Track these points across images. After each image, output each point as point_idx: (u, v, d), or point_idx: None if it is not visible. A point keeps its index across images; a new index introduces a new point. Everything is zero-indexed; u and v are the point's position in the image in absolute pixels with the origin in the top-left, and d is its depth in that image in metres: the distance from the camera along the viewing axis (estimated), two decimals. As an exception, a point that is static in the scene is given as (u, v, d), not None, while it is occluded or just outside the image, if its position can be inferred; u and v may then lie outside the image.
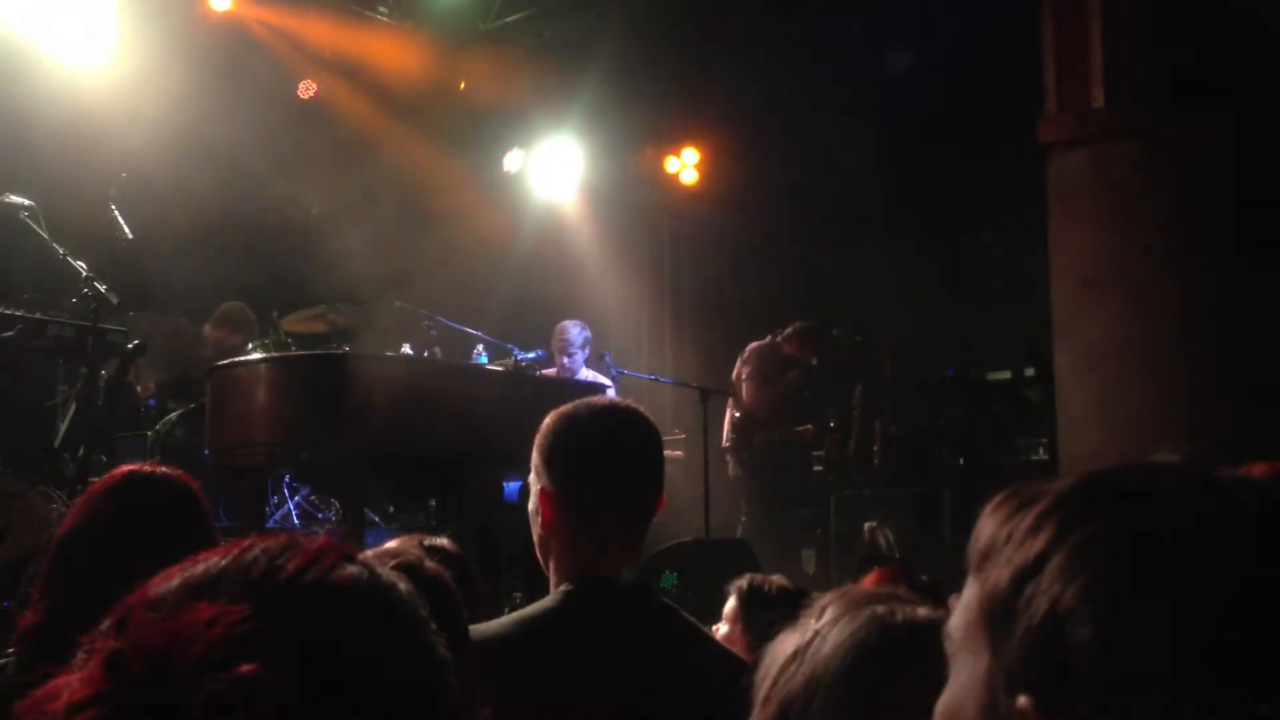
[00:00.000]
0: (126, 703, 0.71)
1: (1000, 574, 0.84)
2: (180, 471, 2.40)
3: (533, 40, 9.66)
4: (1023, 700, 0.81)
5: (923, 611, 1.27)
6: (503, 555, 6.02)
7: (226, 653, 0.72)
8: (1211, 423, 6.06)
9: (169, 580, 0.79)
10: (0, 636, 2.85)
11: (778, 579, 2.97)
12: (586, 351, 7.77)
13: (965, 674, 0.87)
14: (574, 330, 7.74)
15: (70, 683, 0.73)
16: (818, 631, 1.29)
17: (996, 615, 0.84)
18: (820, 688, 1.24)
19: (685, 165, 10.52)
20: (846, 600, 1.34)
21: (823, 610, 1.32)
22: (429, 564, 1.79)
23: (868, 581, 2.71)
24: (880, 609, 1.30)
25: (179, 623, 0.74)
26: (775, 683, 1.29)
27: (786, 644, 1.31)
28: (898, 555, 6.63)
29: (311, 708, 0.73)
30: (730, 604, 2.89)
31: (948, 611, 0.98)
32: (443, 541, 2.33)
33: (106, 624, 0.77)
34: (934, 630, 0.96)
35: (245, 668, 0.72)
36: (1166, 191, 6.46)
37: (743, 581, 2.91)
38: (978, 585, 0.86)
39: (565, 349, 7.67)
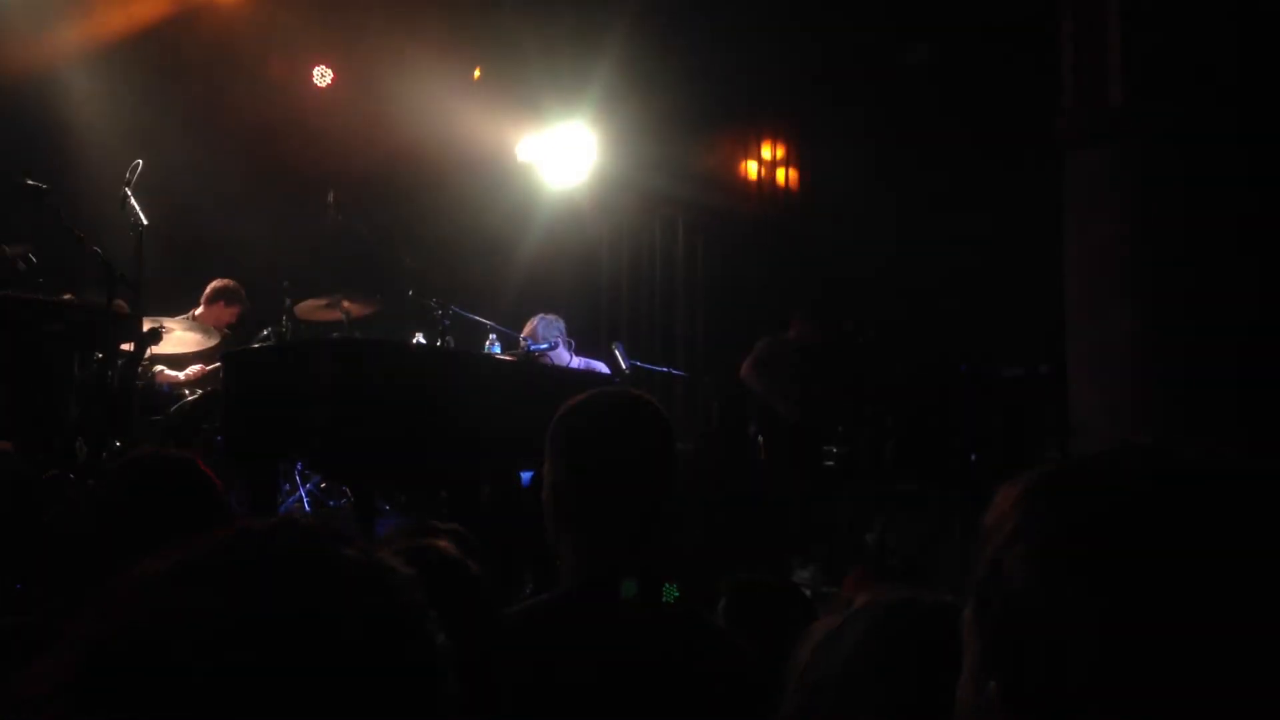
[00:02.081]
0: (101, 693, 0.68)
1: (981, 564, 0.84)
2: (194, 453, 2.42)
3: None
4: (992, 686, 0.81)
5: (949, 598, 1.28)
6: (515, 546, 6.02)
7: (208, 641, 0.69)
8: (1223, 422, 6.02)
9: (156, 565, 0.76)
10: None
11: (770, 578, 2.96)
12: (559, 340, 7.54)
13: (966, 667, 0.87)
14: (539, 324, 7.50)
15: (46, 671, 0.70)
16: (847, 618, 1.31)
17: (978, 603, 0.84)
18: (851, 668, 1.26)
19: (704, 156, 10.48)
20: (874, 590, 1.36)
21: (850, 601, 1.35)
22: (444, 544, 1.79)
23: (850, 579, 2.72)
24: (907, 593, 1.32)
25: (160, 610, 0.71)
26: (806, 669, 1.30)
27: (818, 633, 1.33)
28: (893, 556, 6.60)
29: (299, 695, 0.70)
30: (722, 603, 2.88)
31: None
32: (454, 528, 2.32)
33: (89, 610, 0.73)
34: (959, 613, 0.96)
35: (228, 656, 0.68)
36: (1183, 190, 6.42)
37: (733, 580, 2.90)
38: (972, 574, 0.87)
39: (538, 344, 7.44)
